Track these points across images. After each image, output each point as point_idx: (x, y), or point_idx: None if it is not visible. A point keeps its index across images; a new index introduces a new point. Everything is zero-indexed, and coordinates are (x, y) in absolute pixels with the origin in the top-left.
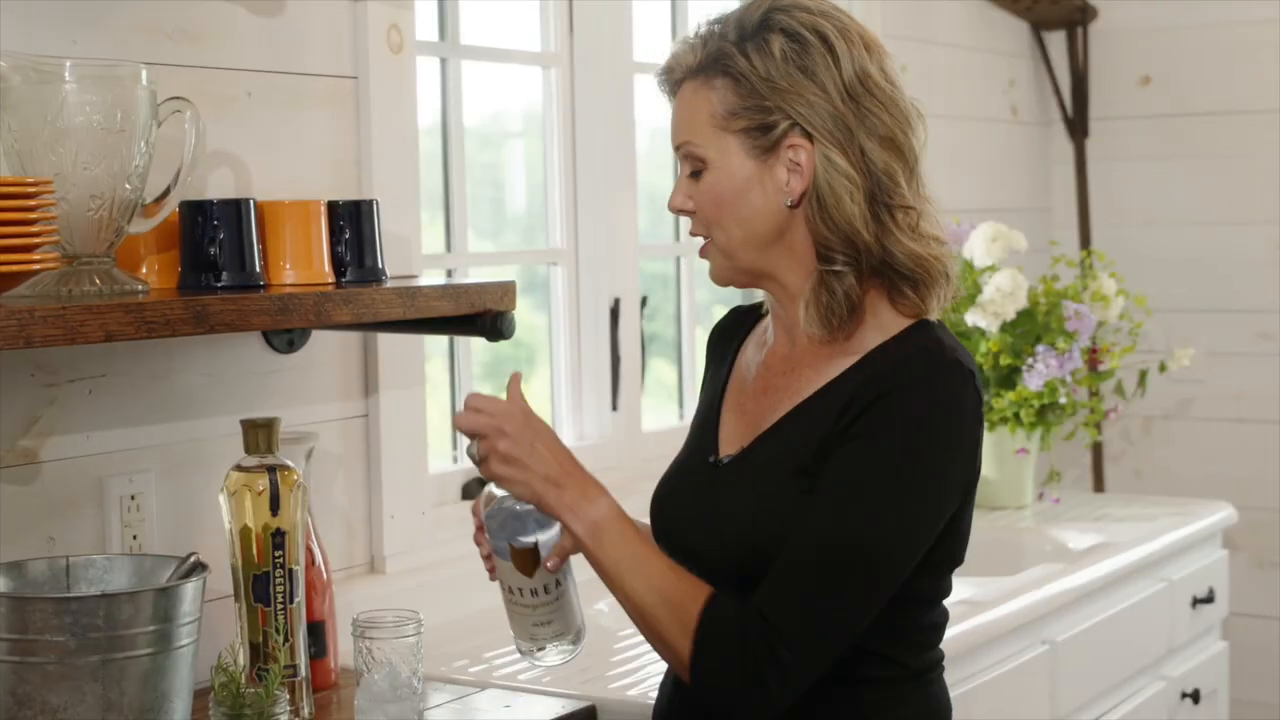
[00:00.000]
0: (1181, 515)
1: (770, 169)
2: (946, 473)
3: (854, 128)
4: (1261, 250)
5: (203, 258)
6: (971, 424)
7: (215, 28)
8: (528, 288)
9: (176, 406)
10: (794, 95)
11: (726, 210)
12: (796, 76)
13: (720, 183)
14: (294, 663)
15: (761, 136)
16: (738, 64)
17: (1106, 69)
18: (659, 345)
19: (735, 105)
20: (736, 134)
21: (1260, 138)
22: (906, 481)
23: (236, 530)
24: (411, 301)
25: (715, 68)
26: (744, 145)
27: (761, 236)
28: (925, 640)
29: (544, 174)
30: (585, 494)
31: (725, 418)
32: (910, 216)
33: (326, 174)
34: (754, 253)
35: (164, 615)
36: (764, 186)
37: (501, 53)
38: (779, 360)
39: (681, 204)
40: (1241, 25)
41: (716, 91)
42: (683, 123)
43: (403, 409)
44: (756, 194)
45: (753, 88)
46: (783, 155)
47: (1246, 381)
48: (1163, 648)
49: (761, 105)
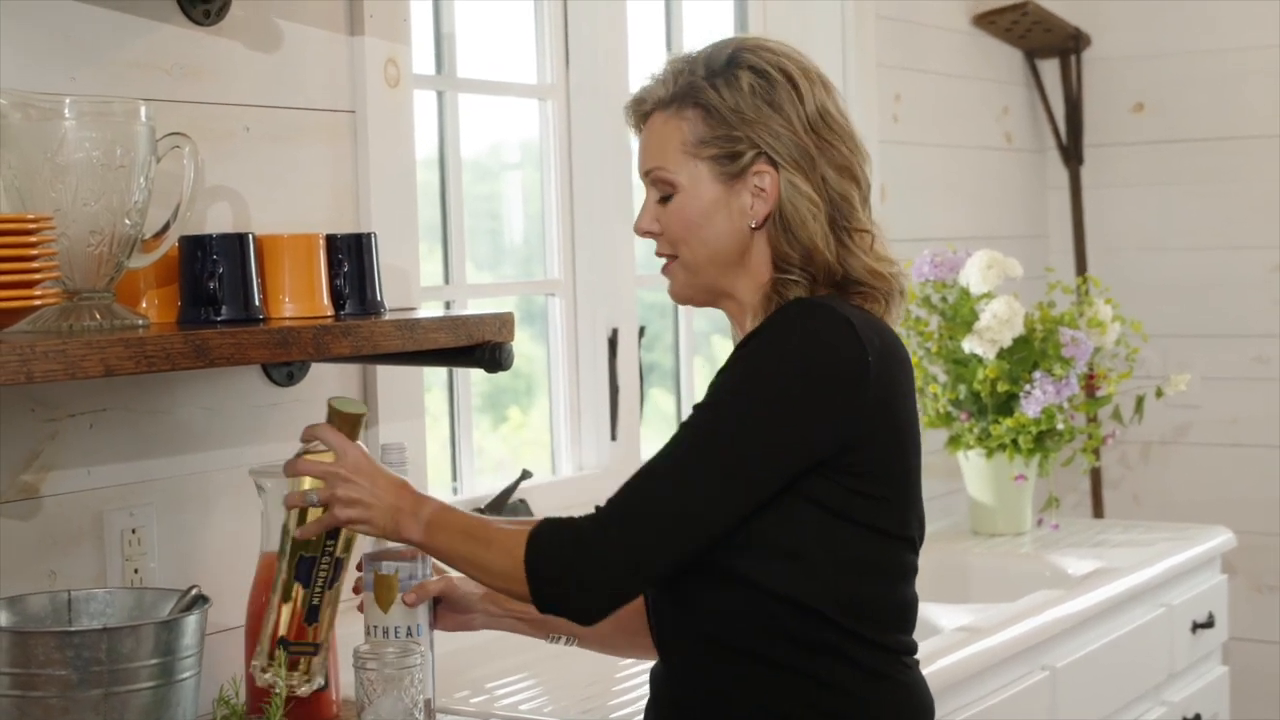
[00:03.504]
0: (1180, 540)
1: (736, 193)
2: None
3: (815, 157)
4: (1256, 275)
5: (202, 292)
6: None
7: (213, 63)
8: (526, 318)
9: (176, 440)
10: (761, 126)
11: (694, 230)
12: (764, 109)
13: (689, 205)
14: (316, 641)
15: (730, 164)
16: (708, 96)
17: (1100, 96)
18: (657, 375)
19: (705, 134)
20: (706, 160)
21: (1253, 163)
22: (736, 391)
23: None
24: (410, 334)
25: (686, 100)
26: (712, 171)
27: (724, 255)
28: (891, 621)
29: (541, 205)
30: (417, 504)
31: None
32: (865, 239)
33: (325, 207)
34: (716, 270)
35: (165, 648)
36: (729, 209)
37: (498, 85)
38: None
39: (649, 226)
40: (1233, 52)
41: (688, 121)
42: (653, 150)
43: (403, 440)
44: (722, 216)
45: (723, 118)
46: (748, 181)
47: (1243, 406)
48: (1163, 673)
49: (730, 135)
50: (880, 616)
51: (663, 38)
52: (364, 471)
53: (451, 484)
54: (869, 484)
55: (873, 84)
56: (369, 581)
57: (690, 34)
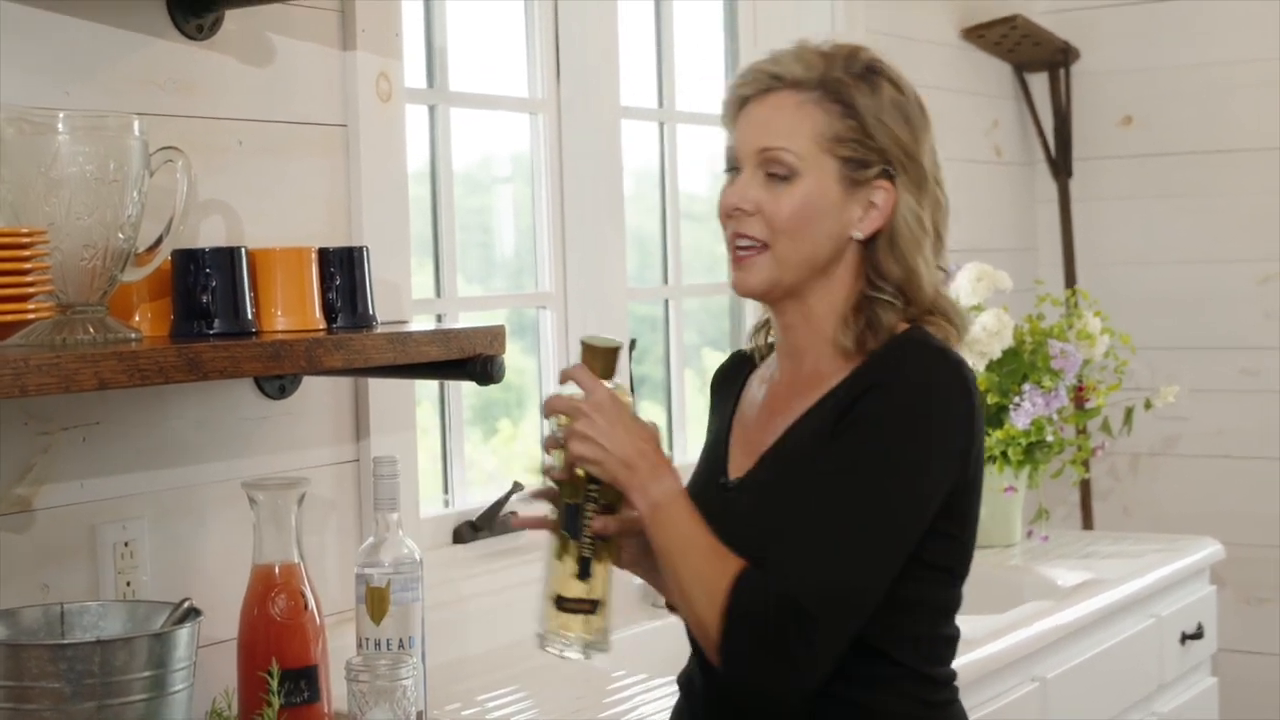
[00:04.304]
0: (1169, 551)
1: (850, 201)
2: (930, 452)
3: (928, 188)
4: (1244, 287)
5: (195, 305)
6: (958, 399)
7: (206, 78)
8: (517, 331)
9: (169, 453)
10: (900, 142)
11: (804, 225)
12: (902, 126)
13: (809, 196)
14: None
15: (857, 170)
16: (856, 97)
17: (1088, 110)
18: (648, 387)
19: (843, 133)
20: (836, 159)
21: (1240, 176)
22: (899, 457)
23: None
24: (402, 347)
25: (829, 91)
26: (839, 172)
27: (819, 259)
28: (941, 654)
29: (532, 218)
30: (654, 474)
31: (732, 450)
32: (941, 275)
33: (317, 221)
34: (805, 271)
35: (159, 661)
36: (839, 215)
37: (490, 99)
38: (783, 388)
39: (744, 204)
40: (1219, 65)
41: (827, 114)
42: (779, 128)
43: (394, 453)
44: (832, 219)
45: (863, 123)
46: (865, 193)
47: (1231, 418)
48: (1152, 684)
49: (866, 142)
50: (936, 650)
51: (653, 53)
52: (605, 411)
53: (443, 496)
54: (950, 524)
55: None
56: (360, 593)
57: (681, 48)
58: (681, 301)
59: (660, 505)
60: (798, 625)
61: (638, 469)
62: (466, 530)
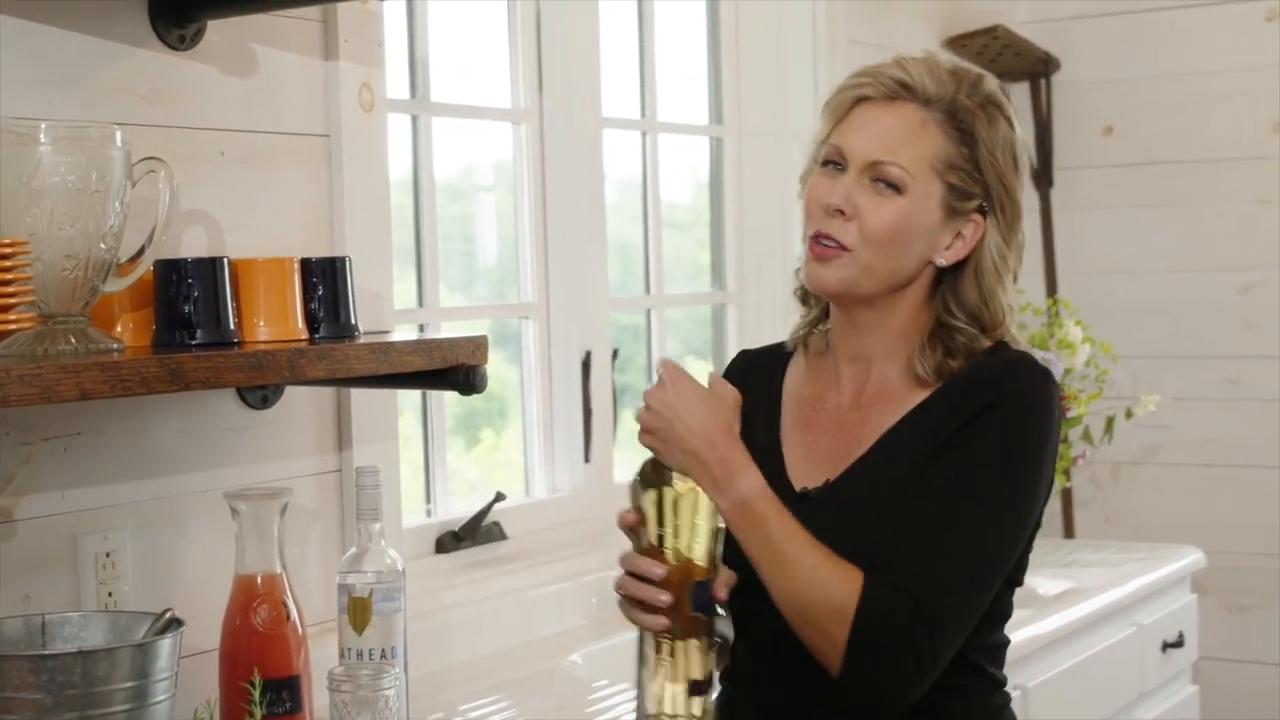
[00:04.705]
0: (1151, 560)
1: (944, 228)
2: (1042, 468)
3: (1017, 229)
4: (1225, 297)
5: (177, 315)
6: (1057, 417)
7: (189, 88)
8: (499, 341)
9: (151, 463)
10: (1001, 179)
11: (900, 239)
12: (1009, 163)
13: (912, 214)
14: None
15: (960, 199)
16: (976, 126)
17: (1069, 119)
18: (631, 397)
19: (956, 160)
20: (944, 184)
21: (1221, 186)
22: (1016, 472)
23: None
24: (385, 357)
25: (955, 116)
26: (943, 198)
27: (902, 277)
28: (1000, 659)
29: (514, 228)
30: (727, 470)
31: (790, 455)
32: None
33: (300, 231)
34: (886, 285)
35: (140, 671)
36: (932, 239)
37: (472, 109)
38: (848, 397)
39: (842, 204)
40: (1199, 76)
41: (947, 137)
42: (897, 143)
43: (376, 463)
44: (924, 241)
45: (976, 154)
46: (959, 222)
47: (1213, 427)
48: (1134, 692)
49: (975, 174)
50: (997, 655)
51: (635, 64)
52: (668, 404)
53: (425, 506)
54: None
55: None
56: (342, 603)
57: (663, 58)
58: (664, 311)
59: (748, 504)
60: (927, 631)
61: (707, 464)
62: (449, 540)
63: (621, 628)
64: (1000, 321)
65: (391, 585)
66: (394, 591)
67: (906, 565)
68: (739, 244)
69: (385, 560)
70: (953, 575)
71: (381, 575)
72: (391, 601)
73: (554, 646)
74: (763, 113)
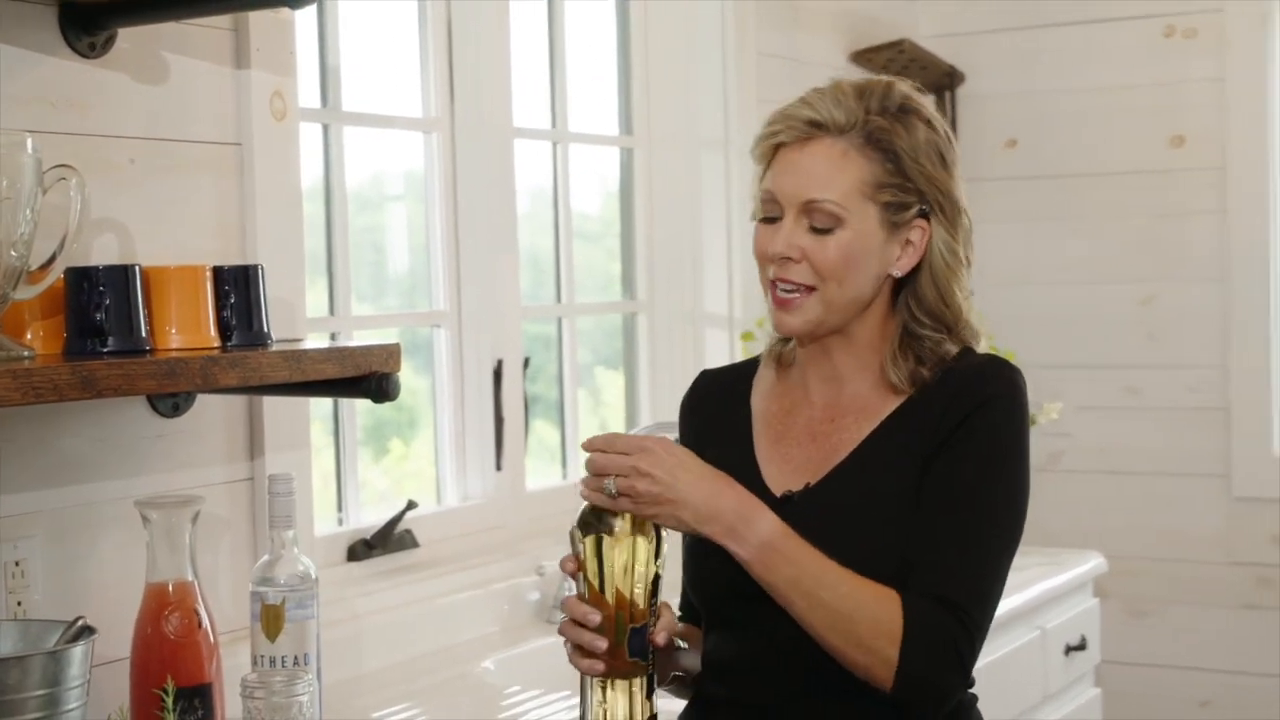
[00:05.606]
0: (1053, 565)
1: (890, 242)
2: (1028, 456)
3: (960, 220)
4: (1126, 308)
5: (89, 323)
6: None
7: (100, 96)
8: (410, 350)
9: (62, 472)
10: (934, 182)
11: (851, 270)
12: (937, 165)
13: (854, 245)
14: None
15: (897, 213)
16: (896, 142)
17: (973, 132)
18: (541, 406)
19: (884, 178)
20: (878, 205)
21: (1122, 199)
22: (1014, 471)
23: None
24: (298, 365)
25: (872, 138)
26: (880, 216)
27: (864, 298)
28: None
29: (426, 236)
30: (743, 516)
31: (766, 466)
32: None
33: (211, 239)
34: (851, 310)
35: (52, 679)
36: (882, 255)
37: (384, 118)
38: (820, 410)
39: (791, 253)
40: (1099, 91)
41: (870, 161)
42: (822, 180)
43: (289, 471)
44: (875, 261)
45: (902, 167)
46: (903, 233)
47: (1114, 435)
48: (1038, 695)
49: (906, 185)
50: None
51: (546, 73)
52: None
53: (337, 515)
54: None
55: (754, 120)
56: (255, 611)
57: (574, 69)
58: (575, 320)
59: (772, 545)
60: (969, 638)
61: (720, 516)
62: (361, 548)
63: (533, 635)
64: (960, 315)
65: (304, 592)
66: (307, 599)
67: (936, 576)
68: (649, 253)
69: (298, 568)
70: (981, 580)
71: (294, 583)
72: (304, 609)
73: (466, 653)
74: (673, 123)
